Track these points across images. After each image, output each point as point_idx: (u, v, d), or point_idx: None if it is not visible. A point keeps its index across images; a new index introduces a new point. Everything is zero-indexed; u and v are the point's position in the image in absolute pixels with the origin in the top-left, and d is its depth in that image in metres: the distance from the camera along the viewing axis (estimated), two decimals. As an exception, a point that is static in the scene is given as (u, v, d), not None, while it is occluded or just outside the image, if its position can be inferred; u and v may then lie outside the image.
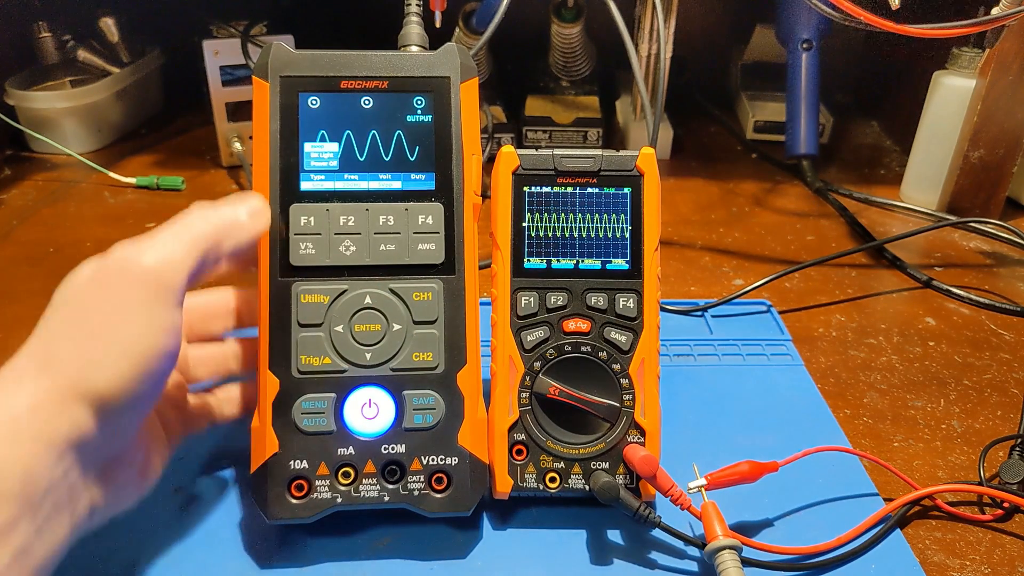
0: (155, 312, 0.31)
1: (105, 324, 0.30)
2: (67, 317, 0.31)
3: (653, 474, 0.38)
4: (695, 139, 0.91)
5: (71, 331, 0.31)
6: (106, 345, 0.30)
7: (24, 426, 0.28)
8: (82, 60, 0.85)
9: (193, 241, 0.33)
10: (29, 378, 0.29)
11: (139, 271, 0.32)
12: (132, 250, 0.32)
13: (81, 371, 0.30)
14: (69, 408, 0.29)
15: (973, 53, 0.69)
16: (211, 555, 0.38)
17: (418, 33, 0.42)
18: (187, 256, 0.33)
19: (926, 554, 0.39)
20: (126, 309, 0.31)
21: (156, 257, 0.32)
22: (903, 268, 0.65)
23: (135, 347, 0.31)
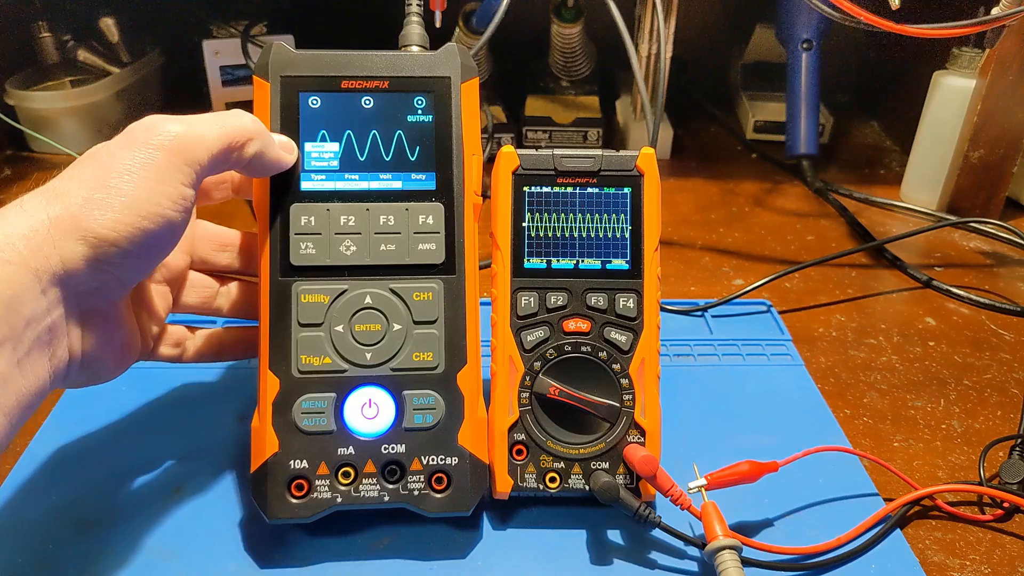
0: (169, 178, 0.31)
1: (118, 175, 0.31)
2: (85, 165, 0.31)
3: (653, 474, 0.38)
4: (695, 139, 0.91)
5: (84, 175, 0.31)
6: (114, 193, 0.30)
7: (15, 251, 0.28)
8: (82, 60, 0.85)
9: (223, 128, 0.33)
10: (31, 208, 0.30)
11: (164, 135, 0.32)
12: (163, 118, 0.33)
13: (83, 209, 0.30)
14: (63, 242, 0.29)
15: (973, 53, 0.69)
16: (211, 555, 0.38)
17: (418, 33, 0.42)
18: (214, 139, 0.33)
19: (926, 554, 0.39)
20: (142, 166, 0.31)
21: (184, 128, 0.32)
22: (903, 268, 0.65)
23: (142, 204, 0.31)
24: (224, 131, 0.33)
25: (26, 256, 0.29)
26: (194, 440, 0.44)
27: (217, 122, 0.34)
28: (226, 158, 0.34)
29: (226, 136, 0.33)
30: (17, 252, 0.28)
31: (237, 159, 0.35)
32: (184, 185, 0.32)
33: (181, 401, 0.47)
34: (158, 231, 0.31)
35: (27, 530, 0.39)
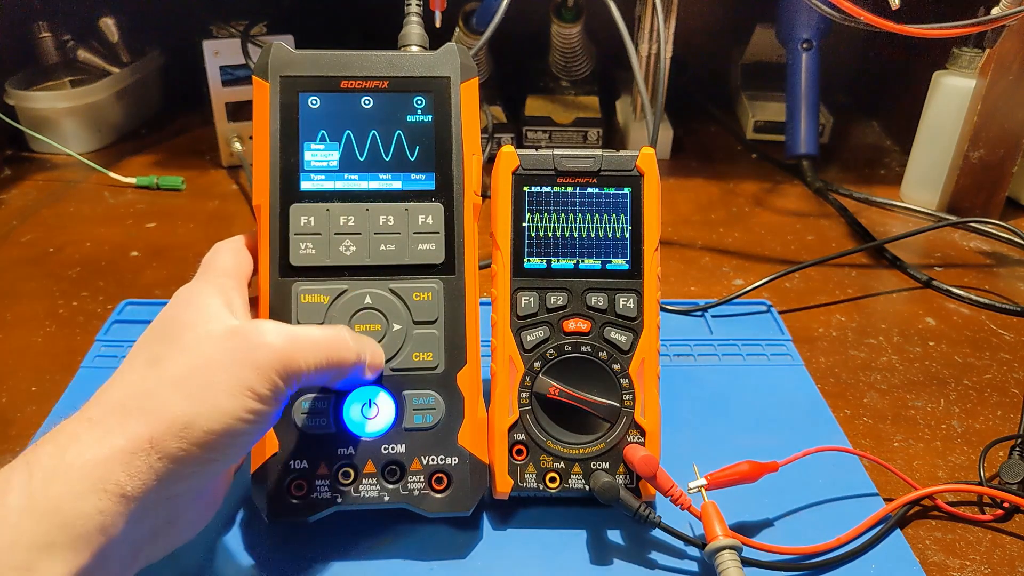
0: (262, 399, 0.31)
1: (216, 391, 0.30)
2: (185, 360, 0.31)
3: (653, 474, 0.38)
4: (695, 139, 0.91)
5: (184, 381, 0.30)
6: (209, 413, 0.30)
7: (112, 476, 0.28)
8: (82, 60, 0.85)
9: (327, 353, 0.33)
10: (129, 421, 0.29)
11: (268, 353, 0.31)
12: (269, 329, 0.32)
13: (177, 429, 0.29)
14: (156, 461, 0.29)
15: (973, 53, 0.69)
16: (211, 555, 0.38)
17: (418, 33, 0.42)
18: (314, 361, 0.32)
19: (926, 554, 0.39)
20: (239, 386, 0.30)
21: (286, 342, 0.32)
22: (903, 268, 0.65)
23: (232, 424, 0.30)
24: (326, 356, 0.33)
25: (123, 483, 0.28)
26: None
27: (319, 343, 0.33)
28: (321, 378, 0.34)
29: (326, 360, 0.33)
30: (115, 482, 0.28)
31: (328, 380, 0.34)
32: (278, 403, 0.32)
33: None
34: (248, 441, 0.32)
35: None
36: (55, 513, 0.27)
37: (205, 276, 0.36)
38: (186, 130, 0.90)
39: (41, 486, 0.27)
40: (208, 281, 0.35)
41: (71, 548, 0.27)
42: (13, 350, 0.53)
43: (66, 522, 0.27)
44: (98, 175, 0.77)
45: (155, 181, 0.76)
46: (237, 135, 0.78)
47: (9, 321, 0.56)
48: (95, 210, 0.73)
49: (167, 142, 0.87)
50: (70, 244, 0.66)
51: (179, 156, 0.84)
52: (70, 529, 0.27)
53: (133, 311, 0.55)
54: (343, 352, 0.34)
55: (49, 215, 0.72)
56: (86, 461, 0.28)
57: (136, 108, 0.90)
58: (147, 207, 0.73)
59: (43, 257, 0.64)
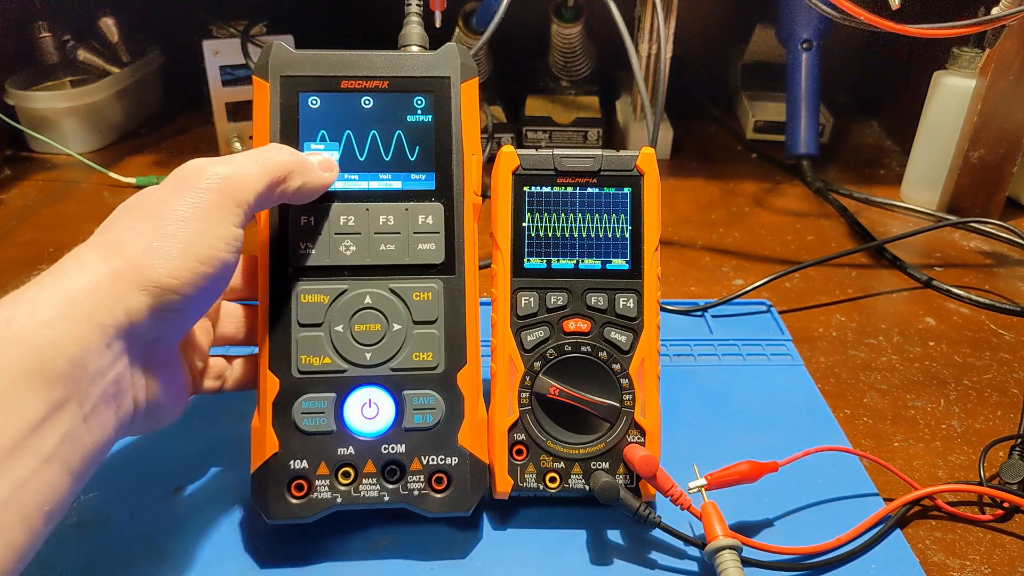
0: (222, 221, 0.32)
1: (173, 222, 0.31)
2: (135, 213, 0.32)
3: (653, 474, 0.38)
4: (695, 139, 0.91)
5: (138, 224, 0.31)
6: (172, 240, 0.31)
7: (80, 307, 0.28)
8: (82, 60, 0.85)
9: (267, 166, 0.34)
10: (91, 262, 0.30)
11: (212, 179, 0.32)
12: (208, 161, 0.33)
13: (143, 259, 0.30)
14: (126, 294, 0.30)
15: (973, 53, 0.69)
16: (211, 555, 0.38)
17: (418, 33, 0.42)
18: (260, 177, 0.34)
19: (926, 554, 0.39)
20: (194, 212, 0.31)
21: (231, 170, 0.33)
22: (903, 268, 0.65)
23: (199, 249, 0.31)
24: (266, 168, 0.34)
25: (91, 312, 0.29)
26: (194, 440, 0.44)
27: (259, 160, 0.34)
28: (271, 194, 0.35)
29: (269, 173, 0.34)
30: (82, 308, 0.28)
31: (282, 193, 0.35)
32: (235, 226, 0.33)
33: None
34: (215, 273, 0.32)
35: (27, 530, 0.39)
36: (24, 341, 0.27)
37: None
38: (186, 130, 0.90)
39: (18, 317, 0.27)
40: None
41: (45, 378, 0.27)
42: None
43: (38, 349, 0.27)
44: (98, 175, 0.77)
45: (155, 181, 0.75)
46: (237, 135, 0.78)
47: (9, 321, 0.56)
48: (95, 210, 0.73)
49: (167, 142, 0.87)
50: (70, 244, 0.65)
51: (179, 156, 0.83)
52: (43, 359, 0.27)
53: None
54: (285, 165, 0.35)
55: (49, 215, 0.72)
56: (51, 295, 0.28)
57: (136, 108, 0.90)
58: (147, 207, 0.73)
59: (43, 257, 0.64)
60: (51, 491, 0.27)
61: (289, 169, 0.35)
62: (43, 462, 0.27)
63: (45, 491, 0.27)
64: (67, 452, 0.28)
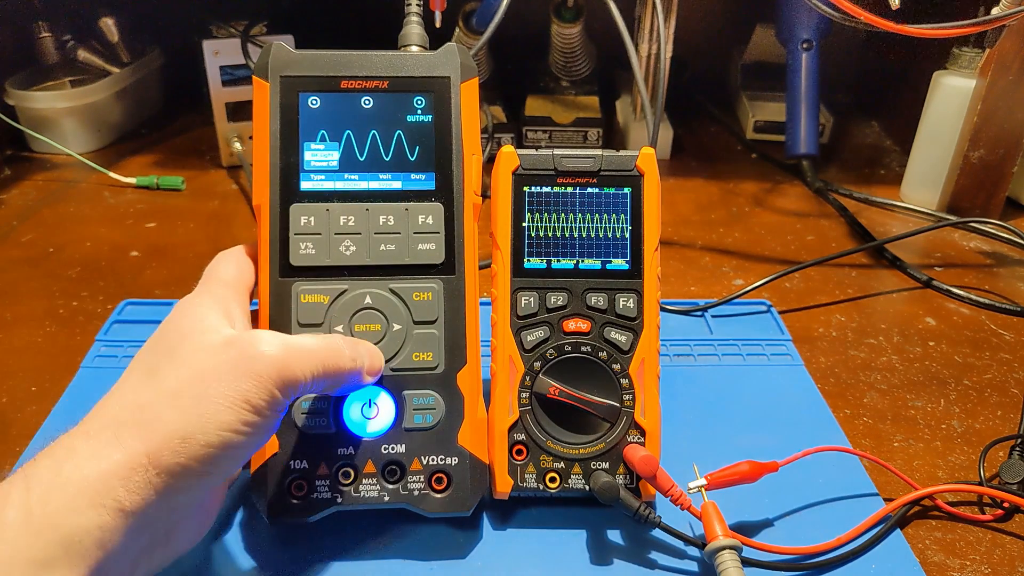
0: (259, 411, 0.31)
1: (213, 404, 0.30)
2: (181, 374, 0.31)
3: (653, 474, 0.38)
4: (695, 139, 0.91)
5: (180, 394, 0.30)
6: (206, 426, 0.30)
7: (111, 494, 0.28)
8: (82, 60, 0.85)
9: (325, 367, 0.33)
10: (127, 436, 0.29)
11: (265, 364, 0.31)
12: (266, 339, 0.32)
13: (174, 443, 0.29)
14: (157, 478, 0.29)
15: (973, 53, 0.69)
16: (211, 555, 0.38)
17: (418, 33, 0.42)
18: (311, 370, 0.32)
19: (926, 554, 0.39)
20: (236, 398, 0.30)
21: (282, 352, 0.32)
22: (903, 268, 0.65)
23: (230, 437, 0.30)
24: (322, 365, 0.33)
25: (122, 498, 0.28)
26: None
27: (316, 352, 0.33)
28: (316, 388, 0.34)
29: (323, 369, 0.33)
30: (114, 497, 0.28)
31: (325, 388, 0.34)
32: (277, 414, 0.32)
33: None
34: (244, 452, 0.32)
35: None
36: (53, 529, 0.27)
37: (205, 287, 0.36)
38: (186, 130, 0.90)
39: (39, 501, 0.27)
40: (207, 292, 0.35)
41: (69, 564, 0.27)
42: (13, 350, 0.53)
43: (64, 538, 0.27)
44: (98, 175, 0.77)
45: (155, 181, 0.76)
46: (237, 135, 0.78)
47: (9, 321, 0.56)
48: (95, 210, 0.73)
49: (167, 142, 0.87)
50: (70, 244, 0.66)
51: (179, 156, 0.83)
52: (68, 545, 0.27)
53: (133, 311, 0.55)
54: (339, 360, 0.34)
55: (49, 215, 0.72)
56: (84, 476, 0.28)
57: (136, 108, 0.90)
58: (147, 207, 0.73)
59: (43, 257, 0.64)
60: None
61: (342, 368, 0.34)
62: None
63: None
64: None
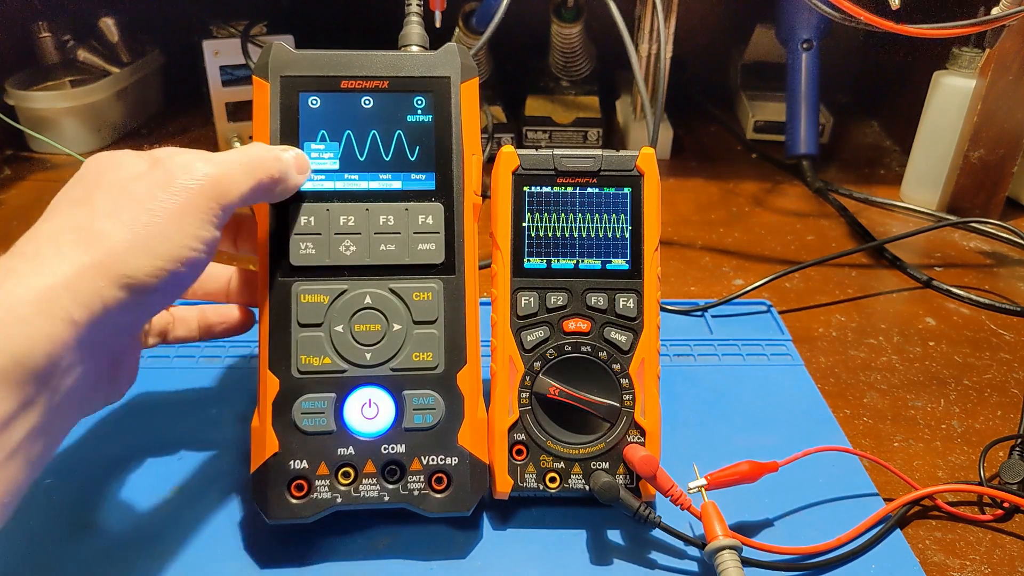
0: (203, 222, 0.32)
1: (155, 216, 0.30)
2: (117, 196, 0.31)
3: (653, 474, 0.38)
4: (695, 139, 0.91)
5: (119, 213, 0.30)
6: (153, 237, 0.30)
7: (57, 303, 0.28)
8: (82, 60, 0.85)
9: (254, 172, 0.34)
10: (69, 250, 0.29)
11: (200, 179, 0.32)
12: (195, 156, 0.33)
13: (124, 255, 0.29)
14: (104, 289, 0.29)
15: (973, 53, 0.69)
16: (211, 555, 0.38)
17: (418, 33, 0.42)
18: (245, 181, 0.34)
19: (926, 554, 0.39)
20: (177, 209, 0.31)
21: (218, 172, 0.33)
22: (903, 268, 0.65)
23: (177, 248, 0.31)
24: (253, 173, 0.34)
25: (68, 307, 0.28)
26: (194, 440, 0.44)
27: (246, 163, 0.34)
28: (253, 197, 0.35)
29: (254, 178, 0.34)
30: (59, 304, 0.28)
31: (262, 197, 0.35)
32: (215, 228, 0.33)
33: (181, 401, 0.47)
34: (189, 272, 0.32)
35: (27, 530, 0.39)
36: (3, 339, 0.26)
37: None
38: (186, 130, 0.90)
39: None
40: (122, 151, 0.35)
41: (19, 376, 0.27)
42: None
43: (15, 349, 0.26)
44: (98, 175, 0.77)
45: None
46: (237, 135, 0.78)
47: (9, 321, 0.56)
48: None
49: (167, 142, 0.87)
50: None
51: (179, 156, 0.83)
52: (18, 356, 0.26)
53: (133, 311, 0.55)
54: (267, 167, 0.35)
55: (49, 215, 0.71)
56: (30, 288, 0.27)
57: (136, 108, 0.90)
58: (147, 207, 0.73)
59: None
60: (11, 484, 0.27)
61: (272, 174, 0.35)
62: (7, 457, 0.27)
63: (5, 484, 0.27)
64: (31, 446, 0.28)
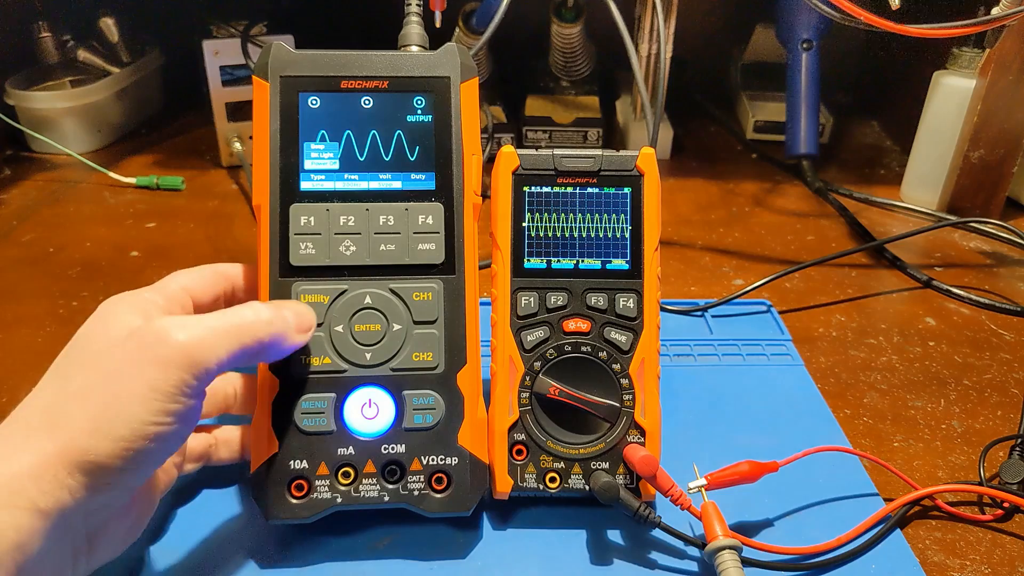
0: (177, 396, 0.30)
1: (125, 399, 0.29)
2: (88, 376, 0.30)
3: (653, 474, 0.38)
4: (695, 139, 0.91)
5: (88, 394, 0.30)
6: (118, 421, 0.29)
7: (23, 494, 0.27)
8: (82, 60, 0.85)
9: (238, 338, 0.32)
10: (35, 439, 0.29)
11: (168, 349, 0.30)
12: (171, 326, 0.31)
13: (88, 441, 0.29)
14: (68, 477, 0.28)
15: (973, 53, 0.69)
16: (211, 555, 0.38)
17: (418, 33, 0.42)
18: (225, 348, 0.31)
19: (926, 554, 0.39)
20: (138, 389, 0.29)
21: (193, 338, 0.30)
22: (903, 268, 0.65)
23: (148, 427, 0.29)
24: (236, 339, 0.32)
25: (34, 498, 0.28)
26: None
27: (228, 328, 0.32)
28: (236, 363, 0.32)
29: (237, 344, 0.32)
30: (25, 496, 0.27)
31: (251, 360, 0.34)
32: (188, 398, 0.31)
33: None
34: (161, 446, 0.31)
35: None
36: None
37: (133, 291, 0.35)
38: (186, 130, 0.90)
39: None
40: (131, 293, 0.34)
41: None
42: (13, 350, 0.53)
43: None
44: (98, 175, 0.77)
45: (155, 181, 0.76)
46: (237, 135, 0.78)
47: (9, 321, 0.56)
48: (95, 210, 0.73)
49: (167, 142, 0.87)
50: (70, 244, 0.66)
51: (179, 156, 0.83)
52: None
53: (133, 311, 0.55)
54: (255, 332, 0.33)
55: (49, 215, 0.72)
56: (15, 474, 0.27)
57: (136, 108, 0.90)
58: (147, 207, 0.73)
59: (43, 257, 0.64)
60: None
61: (261, 338, 0.33)
62: None
63: None
64: None
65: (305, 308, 0.36)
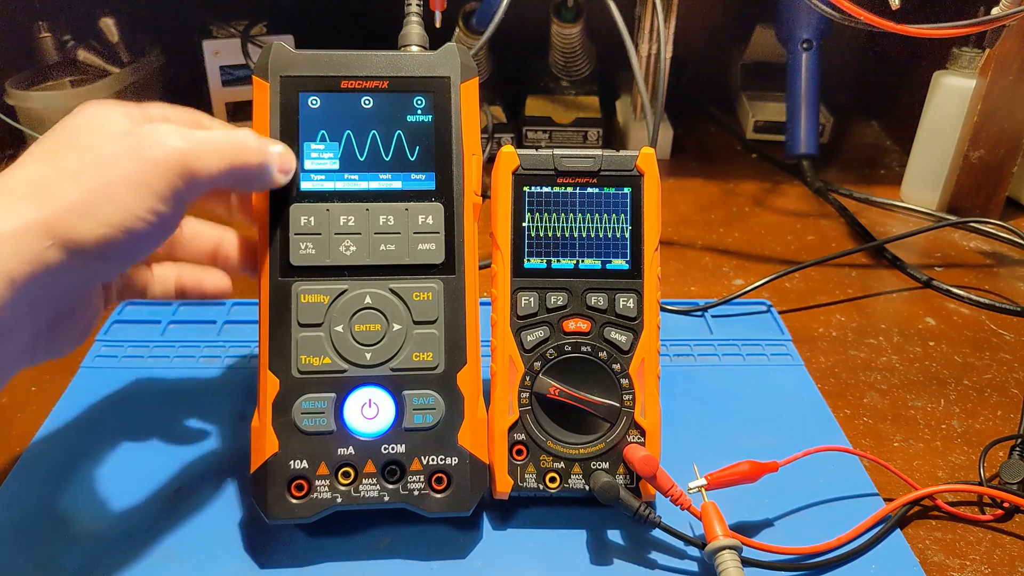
0: (164, 198, 0.31)
1: (115, 185, 0.30)
2: (82, 159, 0.30)
3: (653, 474, 0.38)
4: (695, 139, 0.91)
5: (81, 175, 0.30)
6: (105, 204, 0.29)
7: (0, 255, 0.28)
8: (82, 60, 0.85)
9: (231, 158, 0.33)
10: (21, 203, 0.29)
11: (168, 152, 0.31)
12: (169, 131, 0.31)
13: (72, 216, 0.29)
14: (47, 249, 0.29)
15: (973, 53, 0.69)
16: (211, 556, 0.38)
17: (418, 33, 0.42)
18: (217, 164, 0.32)
19: (926, 554, 0.39)
20: (139, 181, 0.30)
21: (188, 146, 0.31)
22: (903, 268, 0.65)
23: (131, 219, 0.30)
24: (228, 157, 0.33)
25: (10, 264, 0.28)
26: (194, 440, 0.44)
27: (223, 145, 0.33)
28: (224, 181, 0.33)
29: (228, 162, 0.33)
30: (2, 261, 0.28)
31: (236, 184, 0.35)
32: (173, 203, 0.31)
33: (181, 401, 0.47)
34: (134, 243, 0.31)
35: (27, 531, 0.39)
36: None
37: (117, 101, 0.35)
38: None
39: None
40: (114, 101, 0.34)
41: None
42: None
43: None
44: (98, 175, 0.77)
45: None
46: (237, 135, 0.78)
47: (9, 321, 0.56)
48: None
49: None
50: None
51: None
52: None
53: (133, 311, 0.55)
54: (246, 154, 0.34)
55: (49, 215, 0.71)
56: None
57: (136, 108, 0.90)
58: (147, 207, 0.73)
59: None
60: None
61: (250, 162, 0.34)
62: None
63: None
64: None
65: (289, 154, 0.37)
